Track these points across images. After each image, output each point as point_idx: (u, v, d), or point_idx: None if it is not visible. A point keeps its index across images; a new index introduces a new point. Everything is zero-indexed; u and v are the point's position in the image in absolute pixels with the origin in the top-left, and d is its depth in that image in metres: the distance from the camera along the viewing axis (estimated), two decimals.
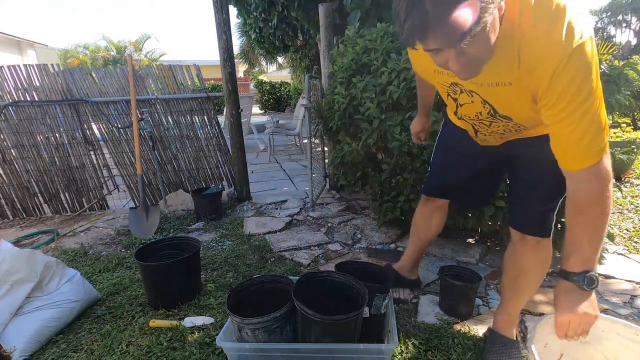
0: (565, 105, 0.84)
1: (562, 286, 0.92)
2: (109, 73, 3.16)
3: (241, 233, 2.72)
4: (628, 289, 1.83)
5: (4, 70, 3.02)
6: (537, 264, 1.28)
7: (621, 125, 4.71)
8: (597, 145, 0.85)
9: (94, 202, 3.40)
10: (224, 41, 3.11)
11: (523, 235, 1.26)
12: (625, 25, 14.27)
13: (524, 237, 1.26)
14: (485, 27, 0.74)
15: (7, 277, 1.56)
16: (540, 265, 1.29)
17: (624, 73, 1.80)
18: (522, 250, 1.28)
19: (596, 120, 0.84)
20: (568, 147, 0.88)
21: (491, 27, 0.77)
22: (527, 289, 1.33)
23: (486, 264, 2.12)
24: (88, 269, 2.23)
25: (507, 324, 1.41)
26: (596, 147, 0.85)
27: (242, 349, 1.29)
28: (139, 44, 21.21)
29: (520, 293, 1.35)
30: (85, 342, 1.57)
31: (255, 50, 12.05)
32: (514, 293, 1.36)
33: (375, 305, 1.39)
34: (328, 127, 2.74)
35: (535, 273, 1.30)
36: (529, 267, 1.28)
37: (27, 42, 15.38)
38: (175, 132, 3.32)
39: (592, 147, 0.85)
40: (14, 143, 3.19)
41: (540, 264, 1.28)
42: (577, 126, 0.84)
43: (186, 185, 3.46)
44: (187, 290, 1.85)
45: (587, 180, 0.88)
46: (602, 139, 0.85)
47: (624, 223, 2.67)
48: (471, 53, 0.79)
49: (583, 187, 0.89)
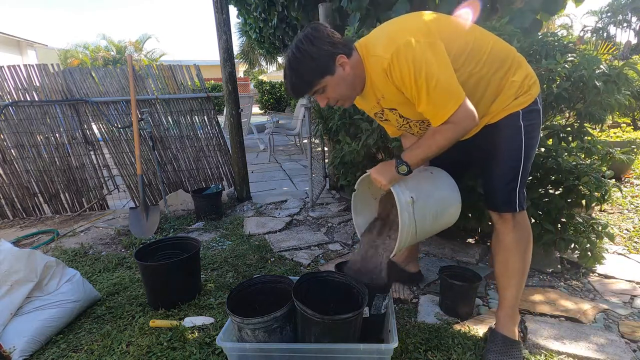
0: (411, 89, 1.17)
1: (389, 161, 1.33)
2: (109, 73, 3.16)
3: (241, 233, 2.72)
4: (628, 289, 1.83)
5: (4, 70, 3.02)
6: (519, 240, 1.39)
7: (621, 125, 4.71)
8: (446, 101, 1.15)
9: (94, 202, 3.40)
10: (224, 41, 3.11)
11: (500, 215, 1.39)
12: (626, 25, 14.28)
13: (501, 216, 1.39)
14: (329, 80, 1.22)
15: (7, 277, 1.56)
16: (522, 241, 1.40)
17: (624, 73, 1.80)
18: (503, 229, 1.40)
19: (438, 88, 1.14)
20: (428, 110, 1.19)
21: (342, 76, 1.22)
22: (519, 269, 1.40)
23: (486, 264, 2.12)
24: (88, 269, 2.23)
25: (507, 321, 1.42)
26: (445, 103, 1.15)
27: (242, 349, 1.29)
28: (139, 44, 21.22)
29: (513, 276, 1.41)
30: (85, 342, 1.57)
31: (255, 50, 12.07)
32: (507, 278, 1.42)
33: (375, 305, 1.39)
34: (328, 127, 2.74)
35: (520, 250, 1.39)
36: (512, 245, 1.39)
37: (27, 42, 15.39)
38: (175, 132, 3.32)
39: (442, 106, 1.16)
40: (14, 143, 3.19)
41: (521, 239, 1.39)
42: (427, 95, 1.15)
43: (186, 185, 3.46)
44: (187, 290, 1.85)
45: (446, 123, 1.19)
46: (449, 97, 1.15)
47: (624, 223, 2.67)
48: (337, 92, 1.26)
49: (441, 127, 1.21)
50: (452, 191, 1.46)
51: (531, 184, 1.96)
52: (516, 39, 1.92)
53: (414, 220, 1.30)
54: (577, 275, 1.97)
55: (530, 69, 1.34)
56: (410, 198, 1.29)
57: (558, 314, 1.64)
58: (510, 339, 1.39)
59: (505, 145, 1.33)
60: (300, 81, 1.23)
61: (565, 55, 1.90)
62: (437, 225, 1.45)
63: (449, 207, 1.46)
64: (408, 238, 1.32)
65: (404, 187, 1.31)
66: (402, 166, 1.26)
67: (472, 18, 1.27)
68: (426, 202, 1.34)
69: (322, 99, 1.29)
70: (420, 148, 1.25)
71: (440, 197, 1.43)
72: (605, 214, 2.86)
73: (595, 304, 1.71)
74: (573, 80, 1.81)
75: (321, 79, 1.21)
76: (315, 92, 1.26)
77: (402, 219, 1.27)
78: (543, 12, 2.74)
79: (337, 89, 1.25)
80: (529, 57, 1.96)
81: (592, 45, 5.39)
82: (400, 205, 1.27)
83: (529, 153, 1.34)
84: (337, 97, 1.28)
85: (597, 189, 1.83)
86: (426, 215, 1.35)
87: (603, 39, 13.05)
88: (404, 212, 1.27)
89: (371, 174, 1.34)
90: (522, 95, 1.30)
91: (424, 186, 1.40)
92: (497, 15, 2.76)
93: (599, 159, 2.00)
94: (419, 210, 1.31)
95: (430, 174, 1.48)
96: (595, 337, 1.48)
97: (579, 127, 1.99)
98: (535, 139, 1.36)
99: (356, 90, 1.31)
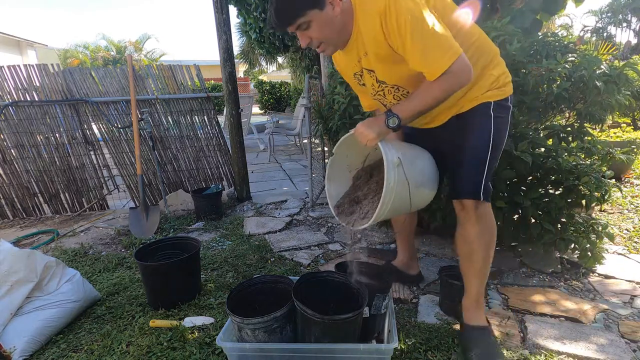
0: (405, 37, 1.11)
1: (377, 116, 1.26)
2: (109, 73, 3.16)
3: (241, 233, 2.72)
4: (628, 289, 1.83)
5: (4, 70, 3.02)
6: (482, 233, 1.37)
7: (621, 125, 4.71)
8: (444, 51, 1.11)
9: (94, 202, 3.40)
10: (224, 41, 3.11)
11: (462, 204, 1.37)
12: (626, 25, 14.28)
13: (464, 205, 1.37)
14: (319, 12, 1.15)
15: (7, 277, 1.56)
16: (485, 235, 1.38)
17: (624, 73, 1.81)
18: (466, 221, 1.38)
19: (432, 34, 1.10)
20: (423, 61, 1.14)
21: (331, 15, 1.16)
22: (480, 260, 1.40)
23: None
24: (88, 269, 2.23)
25: (474, 310, 1.45)
26: (443, 53, 1.11)
27: (242, 349, 1.29)
28: (139, 44, 21.21)
29: (476, 269, 1.41)
30: (85, 342, 1.57)
31: (255, 50, 12.04)
32: (471, 269, 1.43)
33: (375, 305, 1.38)
34: (328, 127, 2.74)
35: (482, 241, 1.38)
36: (475, 238, 1.37)
37: (27, 42, 15.39)
38: (175, 132, 3.32)
39: (440, 56, 1.11)
40: (14, 143, 3.19)
41: (484, 233, 1.38)
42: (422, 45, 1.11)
43: (186, 185, 3.46)
44: (187, 290, 1.85)
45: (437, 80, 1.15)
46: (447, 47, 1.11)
47: (624, 223, 2.67)
48: (322, 32, 1.19)
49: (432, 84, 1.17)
50: (432, 166, 1.41)
51: (531, 184, 1.96)
52: (516, 39, 1.92)
53: (404, 180, 1.22)
54: (577, 275, 1.97)
55: (507, 71, 1.37)
56: (398, 158, 1.20)
57: (558, 314, 1.64)
58: (480, 327, 1.42)
59: (474, 133, 1.32)
60: (286, 6, 1.15)
61: (565, 55, 1.90)
62: (415, 199, 1.35)
63: (428, 181, 1.39)
64: (388, 206, 1.22)
65: (391, 146, 1.23)
66: (392, 118, 1.18)
67: (472, 18, 1.26)
68: (409, 168, 1.26)
69: (304, 38, 1.21)
70: (414, 101, 1.19)
71: (422, 166, 1.37)
72: (605, 214, 2.86)
73: (595, 304, 1.71)
74: (573, 81, 1.81)
75: (309, 11, 1.14)
76: (299, 27, 1.18)
77: (387, 179, 1.18)
78: (543, 12, 2.74)
79: (323, 29, 1.18)
80: (529, 57, 1.97)
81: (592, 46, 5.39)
82: (387, 163, 1.18)
83: (497, 144, 1.33)
84: (320, 38, 1.21)
85: (597, 189, 1.83)
86: (409, 183, 1.26)
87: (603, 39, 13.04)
88: (391, 171, 1.19)
89: (357, 129, 1.24)
90: (496, 89, 1.31)
91: (408, 152, 1.33)
92: (497, 16, 2.76)
93: (599, 159, 2.00)
94: (403, 175, 1.23)
95: (411, 145, 1.43)
96: (595, 337, 1.48)
97: (579, 127, 1.99)
98: (503, 135, 1.35)
99: (341, 37, 1.24)
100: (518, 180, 1.93)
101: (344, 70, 1.46)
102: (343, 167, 1.51)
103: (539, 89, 1.90)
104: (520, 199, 1.86)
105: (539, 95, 1.93)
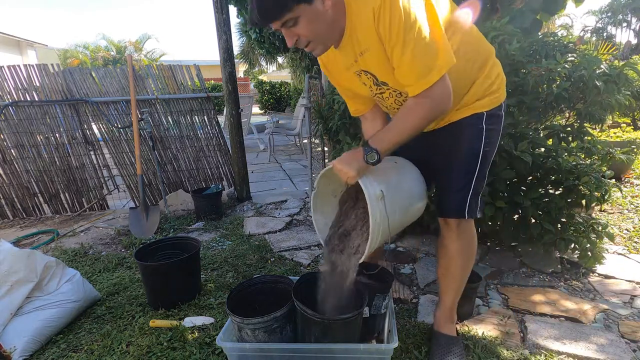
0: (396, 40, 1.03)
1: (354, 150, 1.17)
2: (109, 73, 3.16)
3: (241, 233, 2.72)
4: (628, 289, 1.83)
5: (4, 70, 3.02)
6: (463, 247, 1.37)
7: (621, 125, 4.70)
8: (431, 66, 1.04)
9: (94, 202, 3.40)
10: (224, 41, 3.11)
11: (445, 220, 1.36)
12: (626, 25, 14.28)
13: (447, 222, 1.36)
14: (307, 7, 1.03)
15: (7, 277, 1.56)
16: (465, 251, 1.38)
17: (624, 73, 1.81)
18: (448, 236, 1.37)
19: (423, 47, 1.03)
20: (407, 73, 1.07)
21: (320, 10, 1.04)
22: (458, 276, 1.40)
23: (486, 264, 2.12)
24: (88, 269, 2.23)
25: (445, 321, 1.45)
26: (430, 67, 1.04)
27: (242, 349, 1.29)
28: (139, 44, 21.20)
29: (453, 281, 1.41)
30: (85, 342, 1.57)
31: (255, 50, 12.03)
32: (448, 282, 1.42)
33: (375, 305, 1.38)
34: (328, 127, 2.74)
35: (462, 257, 1.38)
36: (455, 254, 1.37)
37: (27, 42, 15.38)
38: (175, 132, 3.32)
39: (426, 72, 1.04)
40: (14, 143, 3.19)
41: (465, 247, 1.38)
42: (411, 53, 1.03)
43: (186, 185, 3.46)
44: (187, 290, 1.85)
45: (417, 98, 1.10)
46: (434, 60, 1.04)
47: (624, 223, 2.67)
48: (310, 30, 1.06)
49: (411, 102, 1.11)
50: (418, 182, 1.37)
51: (531, 184, 1.96)
52: (516, 39, 1.92)
53: (387, 216, 1.16)
54: (577, 275, 1.97)
55: (502, 72, 1.32)
56: (380, 192, 1.15)
57: (558, 314, 1.64)
58: (450, 337, 1.42)
59: (463, 148, 1.28)
60: (271, 0, 1.02)
61: (565, 55, 1.90)
62: (405, 219, 1.32)
63: (417, 200, 1.34)
64: (379, 236, 1.18)
65: (372, 179, 1.16)
66: (371, 154, 1.11)
67: (472, 18, 1.25)
68: (394, 195, 1.22)
69: (290, 36, 1.08)
70: (392, 132, 1.12)
71: (408, 188, 1.31)
72: (605, 214, 2.86)
73: (595, 304, 1.71)
74: (573, 81, 1.81)
75: (296, 5, 1.02)
76: (285, 24, 1.05)
77: (372, 215, 1.13)
78: (543, 12, 2.74)
79: (312, 26, 1.06)
80: (529, 57, 1.97)
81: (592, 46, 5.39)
82: (370, 200, 1.12)
83: (486, 158, 1.30)
84: (309, 35, 1.08)
85: (597, 189, 1.83)
86: (395, 210, 1.22)
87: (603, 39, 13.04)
88: (375, 208, 1.13)
89: (335, 166, 1.16)
90: (489, 95, 1.26)
91: (392, 178, 1.26)
92: (497, 16, 2.76)
93: (599, 159, 2.01)
94: (389, 204, 1.17)
95: (395, 164, 1.36)
96: (595, 337, 1.48)
97: (579, 127, 1.99)
98: (494, 145, 1.32)
99: (332, 35, 1.13)
100: (518, 180, 1.93)
101: (336, 71, 1.33)
102: (327, 195, 1.44)
103: (538, 89, 1.90)
104: (520, 199, 1.86)
105: (539, 95, 1.93)
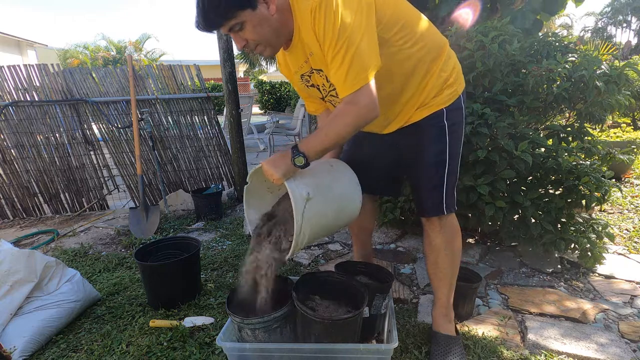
0: (330, 41, 1.03)
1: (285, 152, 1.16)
2: (109, 73, 3.16)
3: (241, 233, 2.72)
4: (628, 289, 1.83)
5: (4, 70, 3.02)
6: (448, 241, 1.39)
7: (621, 125, 4.70)
8: (360, 70, 1.03)
9: (94, 202, 3.40)
10: (224, 41, 3.11)
11: (428, 218, 1.39)
12: (626, 25, 14.28)
13: (429, 220, 1.38)
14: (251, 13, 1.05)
15: (7, 278, 1.56)
16: (450, 241, 1.39)
17: (624, 73, 1.81)
18: (432, 232, 1.39)
19: (353, 52, 1.02)
20: (338, 74, 1.06)
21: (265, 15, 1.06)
22: (448, 269, 1.41)
23: (486, 264, 2.12)
24: (88, 269, 2.23)
25: (443, 320, 1.44)
26: (358, 71, 1.03)
27: (242, 349, 1.29)
28: (139, 44, 21.19)
29: (444, 276, 1.41)
30: (85, 342, 1.57)
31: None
32: (439, 278, 1.42)
33: (375, 305, 1.38)
34: None
35: (449, 251, 1.39)
36: (441, 246, 1.39)
37: (27, 42, 15.38)
38: (175, 132, 3.32)
39: (355, 74, 1.03)
40: (14, 143, 3.19)
41: (450, 240, 1.39)
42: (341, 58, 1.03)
43: (186, 185, 3.46)
44: (187, 290, 1.85)
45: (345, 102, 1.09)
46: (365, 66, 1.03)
47: (624, 223, 2.67)
48: (257, 34, 1.08)
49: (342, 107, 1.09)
50: (352, 186, 1.35)
51: (531, 184, 1.96)
52: (517, 39, 1.92)
53: (310, 218, 1.15)
54: (577, 275, 1.97)
55: (458, 63, 1.31)
56: (307, 194, 1.14)
57: (558, 314, 1.64)
58: (449, 336, 1.41)
59: (430, 149, 1.29)
60: (214, 6, 1.03)
61: (565, 55, 1.90)
62: (339, 221, 1.33)
63: (350, 203, 1.33)
64: (305, 239, 1.18)
65: (299, 181, 1.16)
66: (298, 157, 1.10)
67: (472, 18, 1.24)
68: (325, 198, 1.21)
69: (239, 40, 1.11)
70: (319, 137, 1.12)
71: (340, 191, 1.30)
72: (605, 214, 2.86)
73: (595, 304, 1.71)
74: (573, 81, 1.82)
75: (239, 11, 1.03)
76: (232, 29, 1.08)
77: (297, 217, 1.13)
78: (543, 12, 2.74)
79: (258, 30, 1.08)
80: (529, 57, 1.97)
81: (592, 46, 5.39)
82: (295, 201, 1.12)
83: (455, 152, 1.31)
84: (257, 39, 1.10)
85: (597, 189, 1.83)
86: (327, 212, 1.22)
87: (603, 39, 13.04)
88: (299, 210, 1.12)
89: (263, 166, 1.17)
90: (447, 88, 1.26)
91: (323, 180, 1.26)
92: (497, 16, 2.76)
93: (599, 159, 2.01)
94: (317, 206, 1.17)
95: (330, 167, 1.35)
96: (595, 337, 1.48)
97: (579, 127, 1.99)
98: (459, 136, 1.33)
99: (280, 39, 1.15)
100: (518, 180, 1.93)
101: (288, 72, 1.35)
102: (263, 190, 1.42)
103: (539, 89, 1.90)
104: (520, 199, 1.85)
105: (539, 95, 1.93)
